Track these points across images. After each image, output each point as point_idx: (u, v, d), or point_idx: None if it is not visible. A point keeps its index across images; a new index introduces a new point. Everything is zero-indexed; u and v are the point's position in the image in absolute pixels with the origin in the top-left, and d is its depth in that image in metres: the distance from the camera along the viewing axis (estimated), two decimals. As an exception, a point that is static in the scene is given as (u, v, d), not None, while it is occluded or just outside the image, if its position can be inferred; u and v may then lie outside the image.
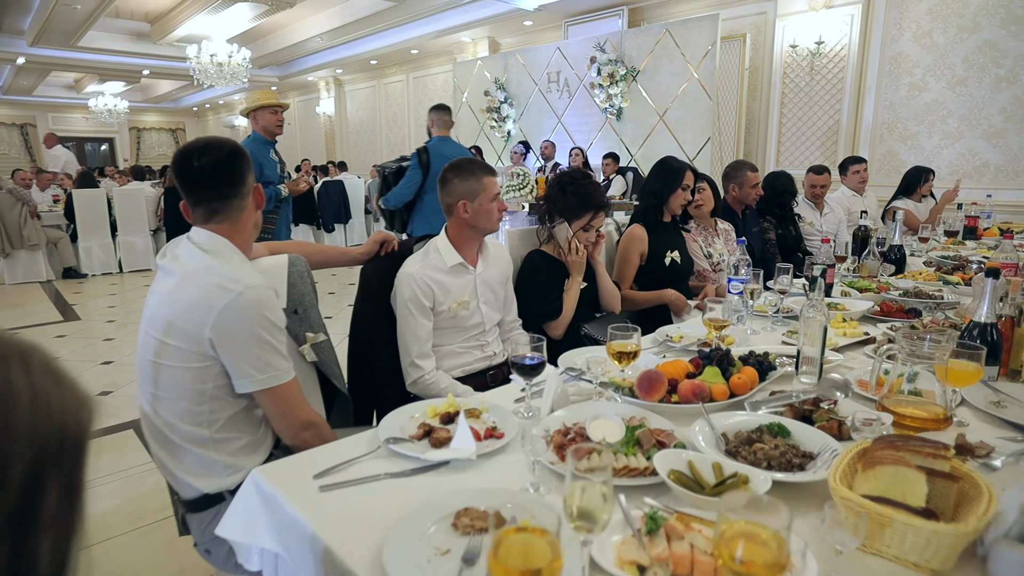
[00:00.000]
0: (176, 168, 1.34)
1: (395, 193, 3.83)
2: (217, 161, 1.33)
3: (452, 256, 1.89)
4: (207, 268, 1.26)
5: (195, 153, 1.32)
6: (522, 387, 1.51)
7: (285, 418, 1.32)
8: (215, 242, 1.33)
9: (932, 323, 1.91)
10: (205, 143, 1.35)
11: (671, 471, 1.02)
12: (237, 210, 1.37)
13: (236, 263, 1.31)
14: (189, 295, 1.24)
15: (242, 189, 1.37)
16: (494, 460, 1.15)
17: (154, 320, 1.26)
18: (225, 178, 1.34)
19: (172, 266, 1.32)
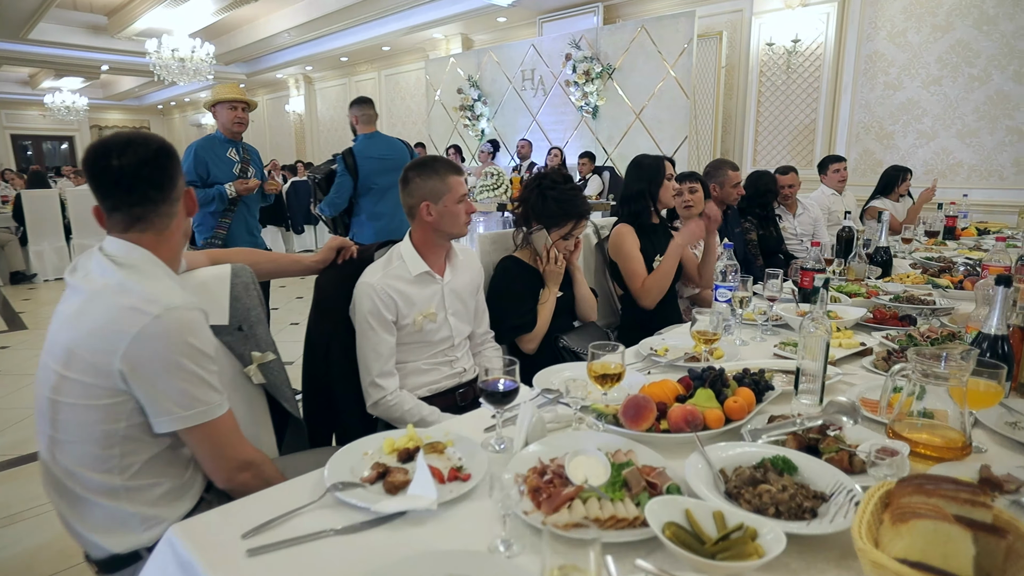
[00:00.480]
0: (90, 167, 1.13)
1: (329, 201, 3.59)
2: (141, 160, 1.13)
3: (417, 264, 1.72)
4: (119, 286, 1.07)
5: (115, 150, 1.12)
6: (493, 413, 1.35)
7: (217, 459, 1.14)
8: (134, 255, 1.13)
9: (930, 331, 1.80)
10: (127, 138, 1.14)
11: (666, 525, 0.86)
12: (165, 217, 1.18)
13: (156, 279, 1.11)
14: (95, 318, 1.04)
15: (171, 193, 1.18)
16: (458, 508, 0.98)
17: (53, 348, 1.07)
18: (150, 180, 1.14)
19: (81, 284, 1.12)
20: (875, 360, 1.64)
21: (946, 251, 3.42)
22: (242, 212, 3.22)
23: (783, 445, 1.14)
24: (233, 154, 3.18)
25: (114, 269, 1.10)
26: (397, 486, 1.01)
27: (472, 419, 1.37)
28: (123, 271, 1.10)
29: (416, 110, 10.83)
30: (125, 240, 1.15)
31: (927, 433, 1.15)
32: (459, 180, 1.74)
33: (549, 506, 0.94)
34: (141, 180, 1.13)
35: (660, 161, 2.42)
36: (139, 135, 1.15)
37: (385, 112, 11.42)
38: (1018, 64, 4.90)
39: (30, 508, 2.41)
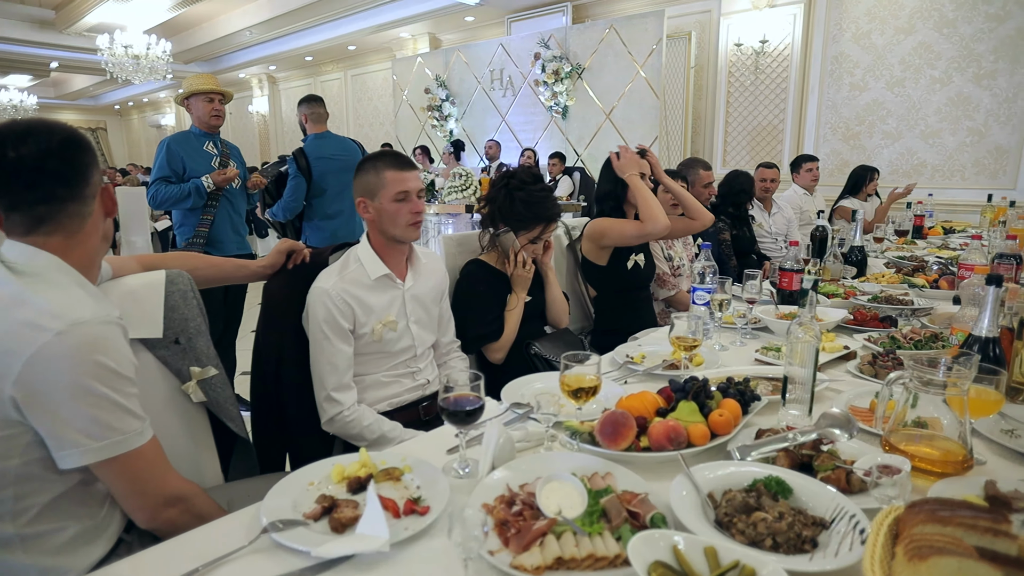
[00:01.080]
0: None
1: (282, 205, 3.42)
2: (44, 151, 0.97)
3: (376, 267, 1.58)
4: (13, 299, 0.90)
5: (10, 139, 0.95)
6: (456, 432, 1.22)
7: (138, 495, 0.98)
8: (37, 261, 0.97)
9: (913, 333, 1.74)
10: (26, 126, 0.98)
11: (652, 566, 0.75)
12: (75, 217, 1.01)
13: (62, 289, 0.95)
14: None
15: (84, 190, 1.02)
16: (415, 547, 0.86)
17: None
18: (57, 174, 0.98)
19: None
20: (860, 364, 1.56)
21: (916, 250, 3.42)
22: (225, 208, 3.00)
23: (774, 463, 1.05)
24: (211, 147, 2.98)
25: (11, 279, 0.94)
26: (344, 523, 0.88)
27: (434, 439, 1.24)
28: (22, 280, 0.94)
29: (383, 110, 10.63)
30: (26, 244, 0.99)
31: (925, 445, 1.07)
32: (398, 176, 1.56)
33: (518, 544, 0.82)
34: (45, 175, 0.97)
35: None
36: (41, 122, 0.99)
37: (352, 113, 11.19)
38: (976, 67, 4.99)
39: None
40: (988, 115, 4.99)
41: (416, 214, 1.58)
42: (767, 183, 3.94)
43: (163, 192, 2.82)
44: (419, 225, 1.61)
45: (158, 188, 2.82)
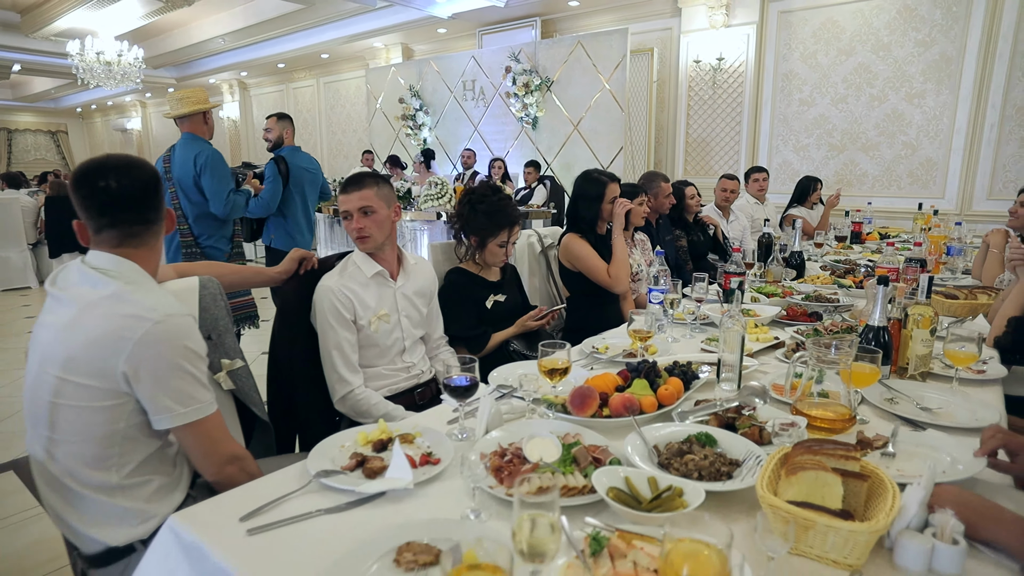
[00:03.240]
0: (85, 185, 1.20)
1: (259, 203, 3.62)
2: (144, 184, 1.24)
3: (370, 266, 1.84)
4: (114, 296, 1.15)
5: (113, 172, 1.20)
6: (454, 408, 1.49)
7: (209, 454, 1.23)
8: (123, 267, 1.21)
9: (832, 325, 2.07)
10: (127, 162, 1.24)
11: (609, 488, 1.03)
12: (155, 236, 1.29)
13: (149, 290, 1.21)
14: (96, 327, 1.12)
15: (162, 213, 1.30)
16: (431, 487, 1.12)
17: (51, 356, 1.13)
18: (149, 202, 1.25)
19: (65, 295, 1.19)
20: (786, 351, 1.88)
21: (852, 254, 3.81)
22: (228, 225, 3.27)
23: (707, 424, 1.34)
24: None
25: (106, 281, 1.17)
26: (375, 471, 1.14)
27: (435, 414, 1.51)
28: (116, 282, 1.18)
29: (356, 117, 10.78)
30: (114, 254, 1.22)
31: (822, 409, 1.37)
32: (341, 198, 1.81)
33: (511, 480, 1.10)
34: (141, 202, 1.23)
35: (605, 184, 2.58)
36: (135, 160, 1.25)
37: (325, 119, 11.31)
38: (908, 87, 5.48)
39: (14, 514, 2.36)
40: (919, 131, 5.48)
41: (357, 229, 1.79)
42: (727, 193, 4.29)
43: (238, 201, 3.13)
44: (364, 239, 1.81)
45: (236, 199, 3.11)
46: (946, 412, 1.46)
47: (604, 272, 2.57)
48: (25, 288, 7.01)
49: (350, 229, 1.81)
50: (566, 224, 2.74)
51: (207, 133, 3.17)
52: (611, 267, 2.57)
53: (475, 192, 2.23)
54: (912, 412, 1.45)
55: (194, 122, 3.11)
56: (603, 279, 2.57)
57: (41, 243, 7.26)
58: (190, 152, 3.03)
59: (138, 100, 15.63)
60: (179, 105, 3.06)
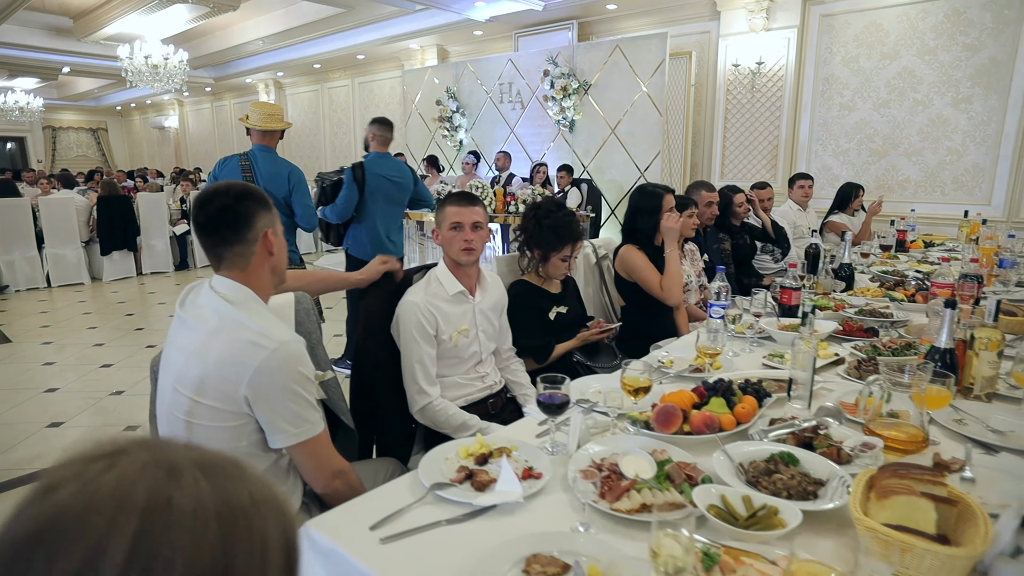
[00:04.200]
0: (192, 214, 1.34)
1: (334, 208, 3.76)
2: (222, 206, 1.30)
3: (453, 285, 1.94)
4: (236, 323, 1.25)
5: (206, 200, 1.31)
6: (539, 421, 1.59)
7: (318, 469, 1.34)
8: (239, 293, 1.32)
9: (891, 343, 2.12)
10: (214, 190, 1.33)
11: (709, 506, 1.12)
12: (240, 256, 1.32)
13: (263, 316, 1.31)
14: (221, 351, 1.23)
15: (246, 234, 1.31)
16: (538, 500, 1.22)
17: (184, 378, 1.24)
18: (227, 223, 1.30)
19: (194, 319, 1.31)
20: (848, 369, 1.94)
21: (899, 264, 3.81)
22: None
23: (784, 442, 1.41)
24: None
25: (227, 307, 1.28)
26: (484, 484, 1.23)
27: (520, 427, 1.60)
28: (235, 308, 1.28)
29: (391, 118, 10.91)
30: (230, 279, 1.33)
31: (895, 430, 1.44)
32: (454, 210, 1.93)
33: (612, 496, 1.19)
34: (220, 223, 1.31)
35: (661, 196, 2.65)
36: (224, 185, 1.33)
37: (358, 119, 11.49)
38: (955, 92, 5.41)
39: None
40: (965, 136, 5.41)
41: (466, 241, 1.91)
42: (764, 202, 4.31)
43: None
44: (470, 251, 1.93)
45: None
46: (1017, 434, 1.50)
47: (657, 285, 2.64)
48: (79, 284, 7.31)
49: (456, 240, 1.90)
50: (623, 236, 2.81)
51: (275, 146, 3.36)
52: (664, 280, 2.64)
53: (541, 207, 2.32)
54: (982, 434, 1.50)
55: (273, 136, 3.31)
56: (656, 291, 2.64)
57: (93, 241, 7.55)
58: (280, 168, 3.25)
59: (176, 99, 16.02)
60: (268, 120, 3.22)
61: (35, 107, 14.37)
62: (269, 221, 1.36)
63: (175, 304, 1.39)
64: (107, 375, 4.27)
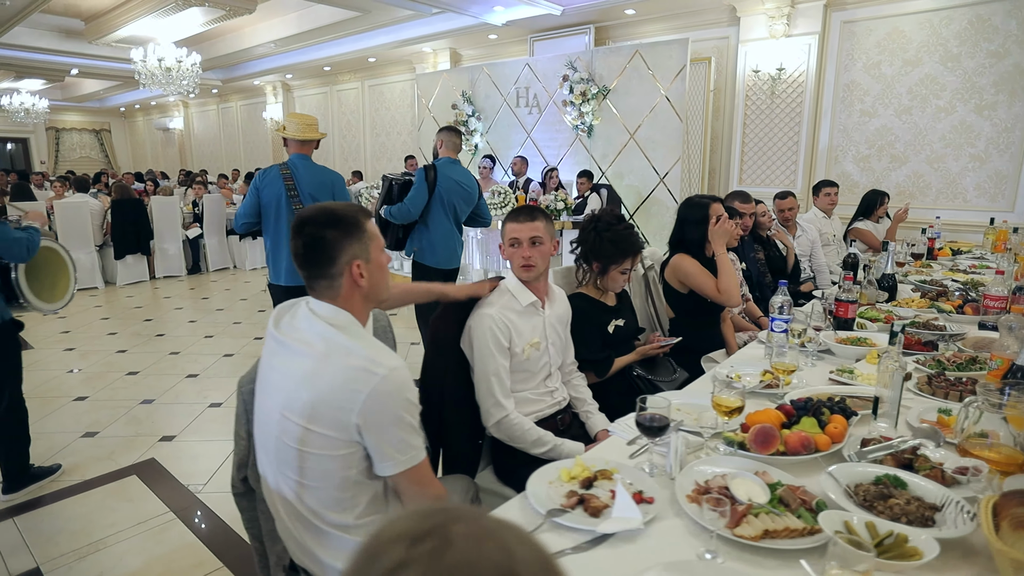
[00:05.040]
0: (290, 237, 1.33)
1: (401, 208, 3.74)
2: (310, 238, 1.28)
3: (525, 296, 1.93)
4: (344, 348, 1.23)
5: (298, 227, 1.30)
6: (627, 440, 1.58)
7: (420, 495, 1.32)
8: (340, 317, 1.29)
9: (955, 357, 2.11)
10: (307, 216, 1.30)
11: (835, 532, 1.11)
12: (329, 288, 1.30)
13: (368, 341, 1.29)
14: (331, 378, 1.20)
15: (330, 269, 1.28)
16: (655, 525, 1.21)
17: (294, 404, 1.22)
18: (313, 255, 1.29)
19: (297, 343, 1.27)
20: (919, 384, 1.93)
21: (933, 273, 3.80)
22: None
23: (881, 463, 1.41)
24: None
25: (332, 331, 1.25)
26: (598, 509, 1.22)
27: (607, 448, 1.59)
28: (340, 332, 1.25)
29: (401, 120, 10.93)
30: (327, 303, 1.31)
31: (991, 452, 1.43)
32: (511, 227, 1.94)
33: (731, 521, 1.18)
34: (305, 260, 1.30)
35: (707, 206, 2.65)
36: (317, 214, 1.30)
37: (368, 122, 11.48)
38: (978, 98, 5.42)
39: (116, 532, 2.50)
40: (988, 143, 5.42)
41: (524, 257, 1.91)
42: (785, 212, 4.31)
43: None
44: (529, 268, 1.92)
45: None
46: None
47: (714, 288, 2.62)
48: (93, 288, 7.27)
49: (516, 256, 1.90)
50: (670, 249, 2.81)
51: (309, 152, 3.34)
52: (720, 282, 2.62)
53: (601, 220, 2.31)
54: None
55: (310, 145, 3.31)
56: (713, 294, 2.63)
57: (107, 245, 7.52)
58: (321, 176, 3.29)
59: (180, 100, 15.98)
60: (306, 130, 3.23)
61: (40, 108, 14.33)
62: (358, 250, 1.30)
63: (269, 325, 1.37)
64: (135, 383, 4.24)
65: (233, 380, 4.24)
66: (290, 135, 3.28)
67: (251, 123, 14.43)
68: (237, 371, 4.43)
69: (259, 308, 6.34)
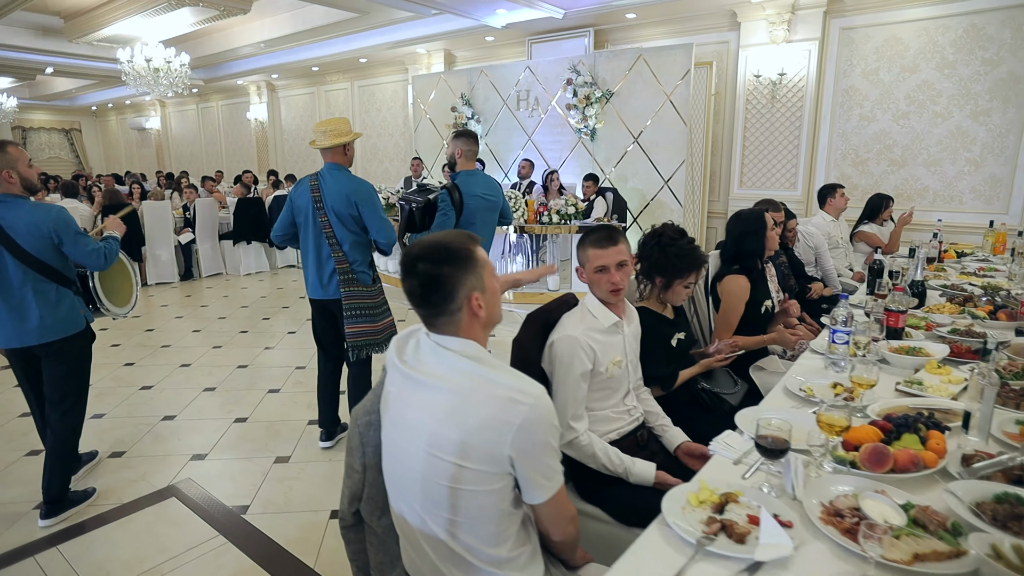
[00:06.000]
0: (400, 274, 1.30)
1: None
2: (425, 276, 1.24)
3: (608, 316, 1.93)
4: (487, 380, 1.21)
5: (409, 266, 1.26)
6: (734, 460, 1.60)
7: (559, 517, 1.32)
8: (469, 347, 1.26)
9: (1011, 367, 2.19)
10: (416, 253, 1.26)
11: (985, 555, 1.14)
12: (449, 324, 1.27)
13: (506, 369, 1.28)
14: (480, 413, 1.18)
15: (450, 306, 1.24)
16: (801, 550, 1.22)
17: (441, 442, 1.19)
18: (430, 295, 1.25)
19: (432, 379, 1.24)
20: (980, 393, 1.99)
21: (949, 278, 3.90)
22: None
23: (990, 479, 1.45)
24: None
25: (470, 363, 1.23)
26: (743, 535, 1.24)
27: (714, 469, 1.60)
28: (476, 363, 1.23)
29: (393, 122, 10.83)
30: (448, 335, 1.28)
31: (1088, 463, 1.49)
32: (597, 253, 1.91)
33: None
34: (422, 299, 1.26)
35: (763, 218, 2.70)
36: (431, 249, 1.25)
37: (359, 123, 11.34)
38: (974, 104, 5.61)
39: (170, 559, 2.43)
40: (984, 148, 5.61)
41: (613, 283, 1.91)
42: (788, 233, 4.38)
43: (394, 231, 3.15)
44: (618, 292, 1.93)
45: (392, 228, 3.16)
46: None
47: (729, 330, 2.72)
48: (84, 297, 7.04)
49: (603, 282, 1.90)
50: (724, 263, 2.83)
51: (347, 161, 3.17)
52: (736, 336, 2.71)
53: (664, 235, 2.32)
54: None
55: (336, 152, 3.12)
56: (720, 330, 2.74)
57: (97, 251, 7.29)
58: (342, 186, 3.05)
59: (157, 99, 15.56)
60: (324, 137, 3.10)
61: (9, 107, 13.80)
62: (475, 282, 1.27)
63: (392, 356, 1.34)
64: (151, 398, 4.13)
65: (253, 392, 4.16)
66: (316, 146, 3.18)
67: (233, 124, 14.13)
68: (255, 383, 4.34)
69: (263, 316, 6.22)
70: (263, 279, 8.29)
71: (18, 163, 2.56)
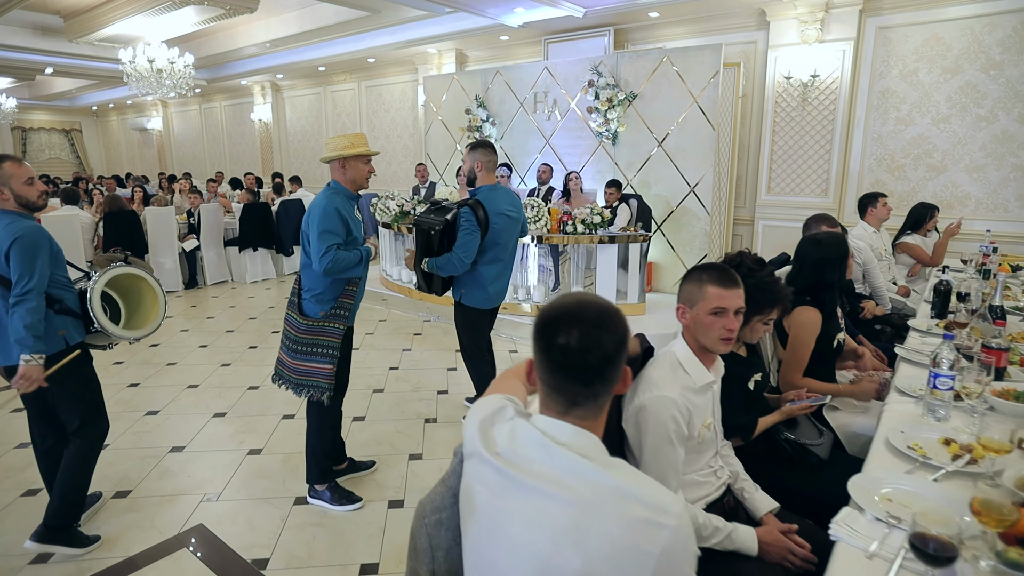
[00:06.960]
0: (544, 336, 1.04)
1: (452, 259, 3.22)
2: (604, 357, 1.02)
3: (702, 375, 1.67)
4: (617, 492, 0.96)
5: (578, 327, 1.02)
6: (868, 555, 1.33)
7: None
8: (586, 441, 1.03)
9: None
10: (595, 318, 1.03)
11: None
12: (596, 407, 1.07)
13: (639, 477, 1.02)
14: (608, 536, 0.93)
15: (611, 387, 1.06)
16: None
17: (557, 568, 0.94)
18: (602, 374, 1.03)
19: (541, 483, 0.99)
20: None
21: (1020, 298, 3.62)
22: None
23: None
24: (358, 212, 2.89)
25: (591, 466, 0.99)
26: None
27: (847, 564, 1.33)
28: (598, 467, 0.99)
29: (402, 123, 10.55)
30: (565, 422, 1.05)
31: None
32: (719, 292, 1.64)
33: None
34: (594, 374, 1.03)
35: (845, 244, 2.43)
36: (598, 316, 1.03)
37: (366, 124, 11.07)
38: (1022, 107, 5.32)
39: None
40: (1032, 153, 5.33)
41: (729, 330, 1.64)
42: None
43: (341, 259, 2.63)
44: (730, 341, 1.67)
45: (337, 255, 2.62)
46: None
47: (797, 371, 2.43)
48: (85, 307, 6.78)
49: (719, 327, 1.63)
50: (799, 293, 2.55)
51: (346, 179, 2.76)
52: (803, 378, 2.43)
53: (742, 265, 2.05)
54: None
55: (333, 168, 2.77)
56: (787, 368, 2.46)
57: (99, 260, 7.02)
58: (317, 201, 2.71)
59: (159, 99, 15.29)
60: (327, 151, 2.80)
61: (8, 108, 13.54)
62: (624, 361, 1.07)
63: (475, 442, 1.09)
64: (157, 425, 3.87)
65: (266, 419, 3.90)
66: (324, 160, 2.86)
67: (237, 124, 13.86)
68: (268, 407, 4.08)
69: (272, 329, 5.96)
70: (270, 287, 8.03)
71: (12, 180, 2.38)
